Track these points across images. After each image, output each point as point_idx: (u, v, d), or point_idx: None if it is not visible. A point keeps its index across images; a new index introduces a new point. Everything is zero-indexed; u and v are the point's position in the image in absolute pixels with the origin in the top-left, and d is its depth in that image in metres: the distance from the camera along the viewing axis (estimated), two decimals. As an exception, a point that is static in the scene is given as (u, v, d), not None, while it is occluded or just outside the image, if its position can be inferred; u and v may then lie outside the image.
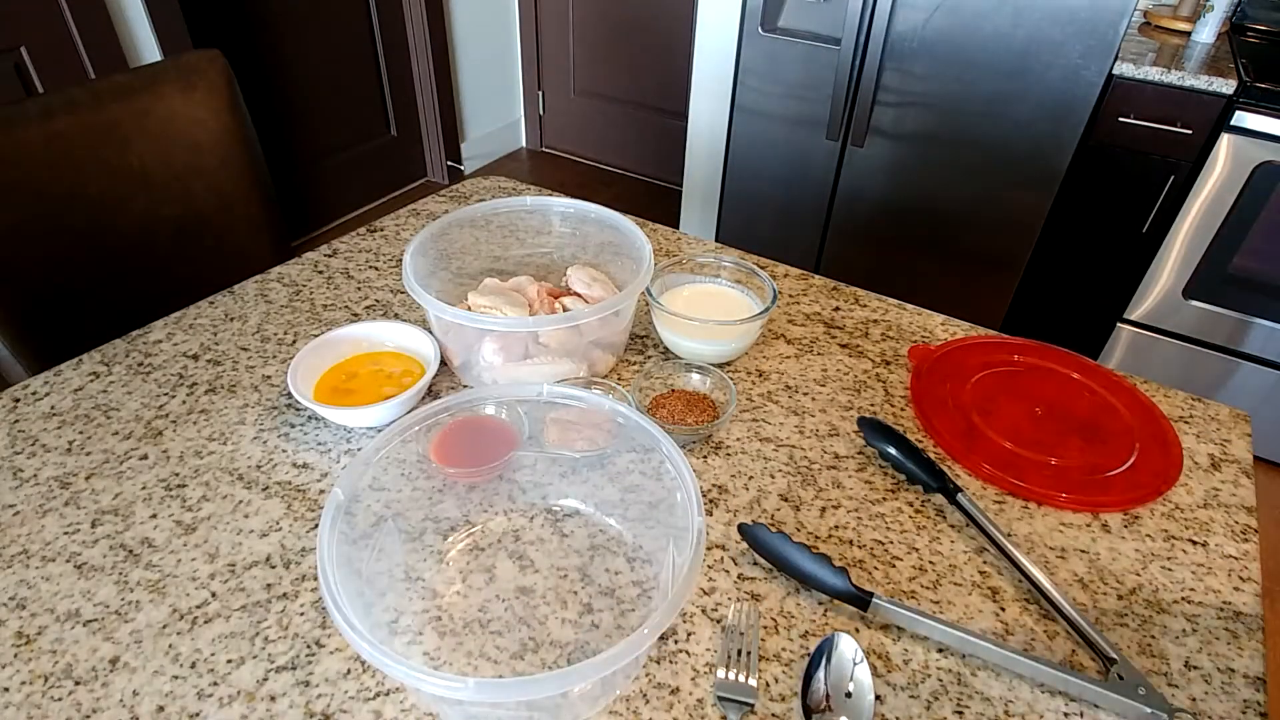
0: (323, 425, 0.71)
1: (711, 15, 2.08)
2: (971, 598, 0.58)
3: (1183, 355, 1.84)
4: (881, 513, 0.65)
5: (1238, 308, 1.73)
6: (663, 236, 1.03)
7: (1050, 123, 1.66)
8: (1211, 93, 1.57)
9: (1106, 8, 1.50)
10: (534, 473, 0.65)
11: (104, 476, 0.66)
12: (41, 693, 0.50)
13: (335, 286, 0.91)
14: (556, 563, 0.60)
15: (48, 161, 0.95)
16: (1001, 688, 0.52)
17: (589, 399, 0.59)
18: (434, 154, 3.02)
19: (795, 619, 0.56)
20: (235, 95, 1.12)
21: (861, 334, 0.86)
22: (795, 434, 0.72)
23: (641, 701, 0.51)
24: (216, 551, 0.60)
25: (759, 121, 2.00)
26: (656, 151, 3.10)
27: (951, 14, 1.64)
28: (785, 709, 0.50)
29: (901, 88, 1.77)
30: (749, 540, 0.59)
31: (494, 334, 0.72)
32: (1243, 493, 0.68)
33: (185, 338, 0.82)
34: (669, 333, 0.79)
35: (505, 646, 0.54)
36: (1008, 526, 0.64)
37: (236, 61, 1.14)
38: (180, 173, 1.08)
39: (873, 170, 1.91)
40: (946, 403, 0.75)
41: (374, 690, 0.51)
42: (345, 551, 0.50)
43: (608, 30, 2.93)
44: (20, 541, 0.60)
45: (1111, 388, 0.78)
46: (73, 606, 0.55)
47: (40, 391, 0.74)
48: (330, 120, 2.62)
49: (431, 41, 2.72)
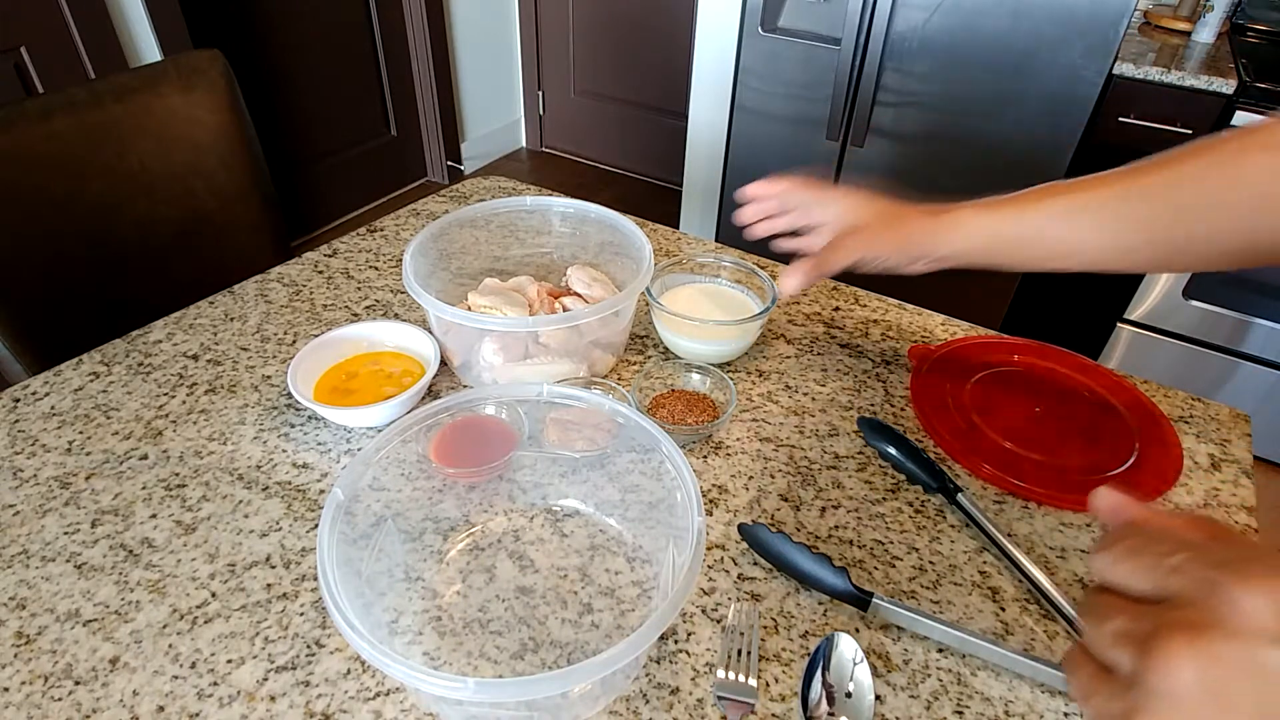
0: (323, 425, 0.72)
1: (711, 15, 2.08)
2: (971, 598, 0.58)
3: (1183, 355, 1.84)
4: (881, 513, 0.65)
5: (1238, 308, 1.73)
6: (663, 236, 1.03)
7: (1050, 123, 1.66)
8: (1211, 93, 1.57)
9: (1106, 8, 1.50)
10: (534, 473, 0.65)
11: (104, 476, 0.66)
12: (41, 693, 0.50)
13: (335, 286, 0.91)
14: (556, 563, 0.60)
15: (48, 161, 0.95)
16: (1001, 688, 0.52)
17: (589, 399, 0.59)
18: (434, 154, 3.02)
19: (795, 619, 0.56)
20: (235, 95, 1.12)
21: (861, 334, 0.86)
22: (795, 434, 0.72)
23: (641, 701, 0.51)
24: (216, 551, 0.60)
25: (759, 121, 2.00)
26: (656, 151, 3.10)
27: (951, 14, 1.64)
28: (785, 709, 0.50)
29: (901, 87, 1.77)
30: (749, 540, 0.59)
31: (494, 334, 0.72)
32: (1243, 493, 0.68)
33: (185, 338, 0.82)
34: (669, 333, 0.79)
35: (505, 646, 0.54)
36: (1008, 526, 0.64)
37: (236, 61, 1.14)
38: (180, 173, 1.08)
39: (873, 170, 1.91)
40: (946, 403, 0.75)
41: (374, 690, 0.51)
42: (345, 551, 0.50)
43: (608, 30, 2.93)
44: (20, 541, 0.60)
45: (1111, 388, 0.78)
46: (73, 606, 0.55)
47: (40, 391, 0.74)
48: (330, 120, 2.62)
49: (431, 41, 2.72)
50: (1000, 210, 0.63)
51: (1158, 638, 0.25)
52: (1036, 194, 0.62)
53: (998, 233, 0.63)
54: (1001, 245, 0.63)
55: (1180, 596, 0.25)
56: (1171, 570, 0.26)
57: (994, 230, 0.63)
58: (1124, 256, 0.60)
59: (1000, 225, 0.63)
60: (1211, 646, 0.24)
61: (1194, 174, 0.56)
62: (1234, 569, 0.25)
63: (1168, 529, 0.28)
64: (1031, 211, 0.62)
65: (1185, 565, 0.26)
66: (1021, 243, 0.62)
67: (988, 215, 0.63)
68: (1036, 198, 0.62)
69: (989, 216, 0.63)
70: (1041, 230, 0.61)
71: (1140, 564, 0.27)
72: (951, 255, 0.64)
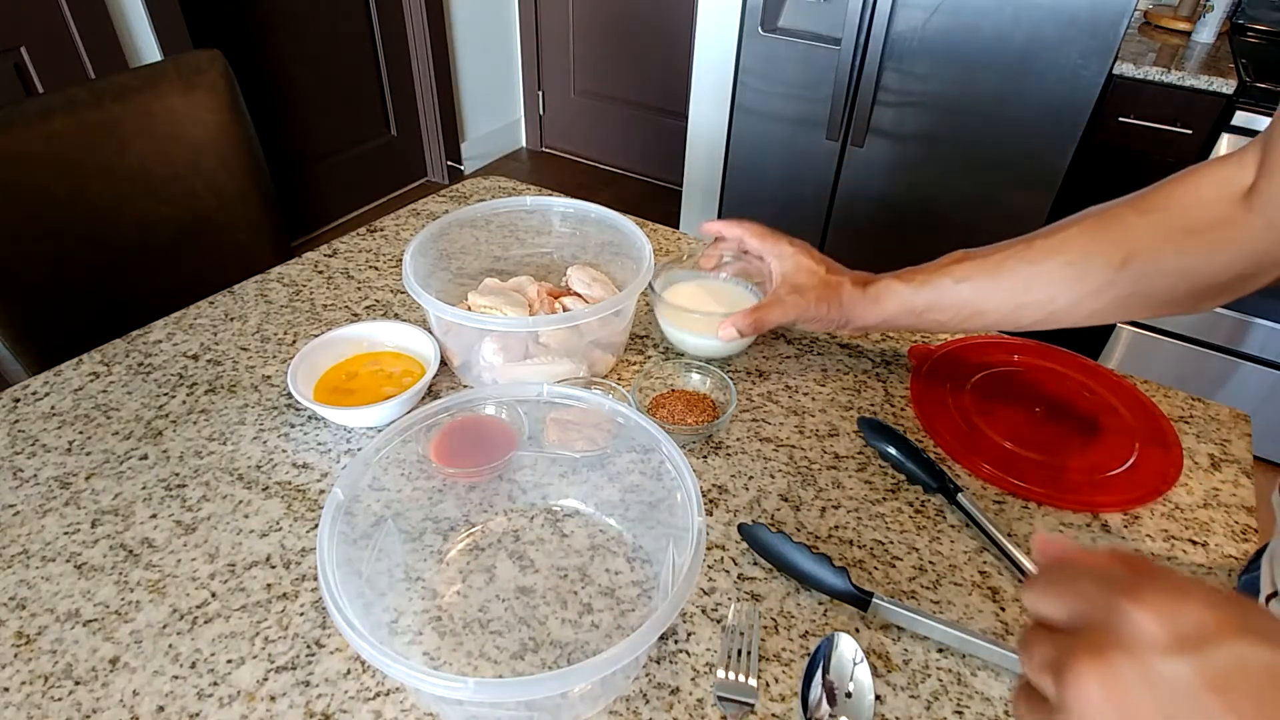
0: (323, 425, 0.71)
1: (711, 15, 2.08)
2: (971, 598, 0.58)
3: (1183, 355, 1.84)
4: (881, 513, 0.65)
5: (1238, 308, 1.73)
6: (663, 236, 1.03)
7: (1050, 123, 1.66)
8: (1211, 93, 1.57)
9: (1106, 8, 1.50)
10: (534, 473, 0.65)
11: (104, 476, 0.66)
12: (41, 693, 0.50)
13: (335, 286, 0.91)
14: (556, 563, 0.60)
15: (48, 161, 0.95)
16: (1001, 688, 0.52)
17: (589, 399, 0.59)
18: (434, 154, 3.02)
19: (795, 619, 0.56)
20: (235, 95, 1.12)
21: (861, 334, 0.86)
22: (795, 434, 0.72)
23: (641, 701, 0.51)
24: (216, 551, 0.60)
25: (759, 121, 2.00)
26: (656, 151, 3.10)
27: (952, 14, 1.64)
28: (785, 709, 0.50)
29: (901, 88, 1.77)
30: (749, 540, 0.59)
31: (494, 334, 0.72)
32: (1243, 493, 0.68)
33: (185, 338, 0.82)
34: (671, 328, 0.79)
35: (505, 646, 0.54)
36: (1008, 526, 0.64)
37: (236, 61, 1.14)
38: (180, 172, 1.08)
39: (872, 170, 1.91)
40: (946, 403, 0.75)
41: (374, 690, 0.51)
42: (345, 551, 0.50)
43: (608, 30, 2.93)
44: (20, 541, 0.60)
45: (1111, 388, 0.78)
46: (73, 606, 0.55)
47: (40, 391, 0.74)
48: (330, 120, 2.62)
49: (431, 41, 2.72)
50: (911, 280, 0.68)
51: (1067, 662, 0.27)
52: (946, 261, 0.68)
53: (907, 302, 0.69)
54: (913, 313, 0.69)
55: (1089, 622, 0.27)
56: (1080, 597, 0.28)
57: (905, 301, 0.69)
58: (1023, 313, 0.65)
59: (911, 295, 0.68)
60: (1111, 665, 0.25)
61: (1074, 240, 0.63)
62: (1129, 590, 0.27)
63: (1088, 564, 0.30)
64: (936, 278, 0.67)
65: (1092, 592, 0.28)
66: (932, 308, 0.68)
67: (901, 286, 0.69)
68: (942, 265, 0.68)
69: (902, 287, 0.68)
70: (946, 294, 0.67)
71: (1057, 595, 0.29)
72: (873, 325, 0.72)
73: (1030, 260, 0.64)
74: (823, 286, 0.71)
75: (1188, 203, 0.59)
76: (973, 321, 0.67)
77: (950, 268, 0.67)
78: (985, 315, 0.66)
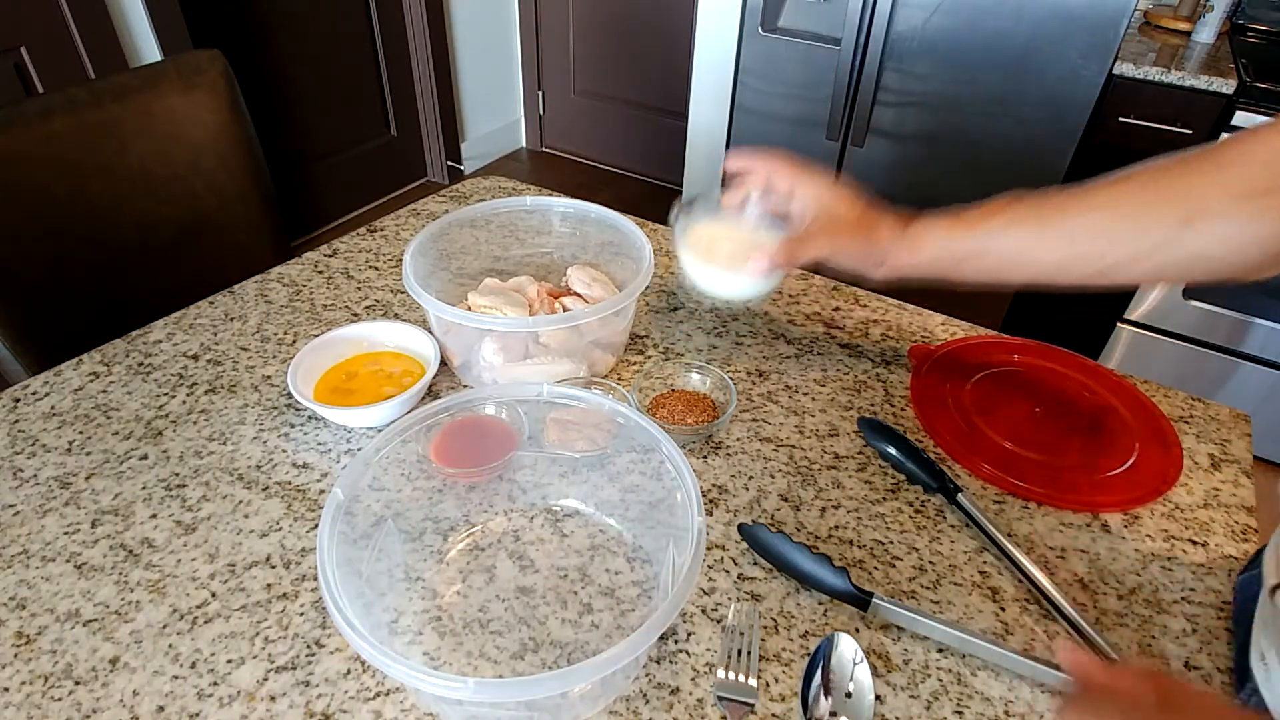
0: (323, 425, 0.71)
1: (711, 15, 2.08)
2: (971, 598, 0.58)
3: (1183, 355, 1.83)
4: (881, 513, 0.65)
5: (1238, 308, 1.73)
6: (663, 236, 1.03)
7: (1050, 123, 1.66)
8: (1211, 93, 1.57)
9: (1106, 8, 1.50)
10: (534, 473, 0.65)
11: (104, 476, 0.66)
12: (41, 693, 0.50)
13: (335, 286, 0.91)
14: (556, 563, 0.60)
15: (48, 161, 0.95)
16: (1001, 688, 0.52)
17: (589, 399, 0.59)
18: (434, 154, 3.02)
19: (795, 619, 0.56)
20: (235, 95, 1.12)
21: (861, 334, 0.86)
22: (795, 434, 0.72)
23: (641, 701, 0.51)
24: (216, 551, 0.60)
25: (759, 121, 2.00)
26: (656, 151, 3.09)
27: (952, 14, 1.64)
28: (785, 709, 0.50)
29: (901, 88, 1.77)
30: (749, 540, 0.59)
31: (494, 334, 0.72)
32: (1243, 493, 0.68)
33: (185, 338, 0.82)
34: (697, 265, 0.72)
35: (505, 646, 0.54)
36: (1008, 526, 0.64)
37: (236, 61, 1.14)
38: (180, 172, 1.08)
39: (873, 170, 1.91)
40: (946, 403, 0.75)
41: (374, 690, 0.51)
42: (345, 551, 0.50)
43: (608, 30, 2.93)
44: (20, 541, 0.60)
45: (1111, 388, 0.78)
46: (73, 606, 0.55)
47: (40, 391, 0.74)
48: (330, 120, 2.62)
49: (431, 41, 2.72)
50: (955, 223, 0.63)
51: None
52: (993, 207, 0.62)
53: (948, 247, 0.63)
54: (954, 259, 0.63)
55: None
56: None
57: (946, 246, 0.63)
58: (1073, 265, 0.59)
59: (953, 241, 0.63)
60: None
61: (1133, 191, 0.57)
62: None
63: (1120, 689, 0.32)
64: (983, 223, 0.62)
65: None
66: (974, 255, 0.62)
67: (943, 229, 0.63)
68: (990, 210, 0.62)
69: (944, 230, 0.63)
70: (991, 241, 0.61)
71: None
72: (910, 267, 0.65)
73: (1085, 210, 0.58)
74: (861, 220, 0.66)
75: (1264, 159, 0.53)
76: (1017, 274, 0.61)
77: (998, 213, 0.61)
78: (1031, 266, 0.60)
